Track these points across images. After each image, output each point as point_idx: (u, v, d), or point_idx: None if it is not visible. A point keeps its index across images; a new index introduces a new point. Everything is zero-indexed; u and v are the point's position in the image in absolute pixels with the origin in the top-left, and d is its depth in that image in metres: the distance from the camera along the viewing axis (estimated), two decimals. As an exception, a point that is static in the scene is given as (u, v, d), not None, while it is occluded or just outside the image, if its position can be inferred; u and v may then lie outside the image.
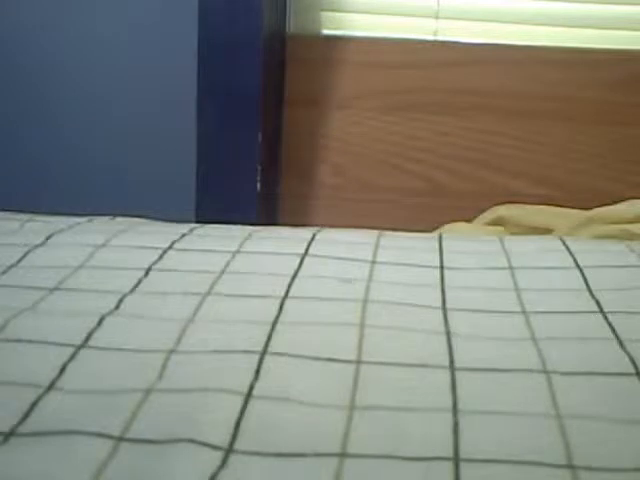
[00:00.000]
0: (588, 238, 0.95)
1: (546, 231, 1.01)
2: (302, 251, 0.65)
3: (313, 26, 1.39)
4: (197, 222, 1.33)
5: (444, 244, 0.69)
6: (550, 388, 0.43)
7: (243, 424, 0.39)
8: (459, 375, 0.45)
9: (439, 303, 0.55)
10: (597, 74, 1.35)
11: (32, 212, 0.80)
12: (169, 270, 0.60)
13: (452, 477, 0.36)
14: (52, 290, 0.56)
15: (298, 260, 0.63)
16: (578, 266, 0.64)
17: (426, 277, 0.61)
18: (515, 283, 0.60)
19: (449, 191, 1.40)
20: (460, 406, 0.41)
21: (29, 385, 0.42)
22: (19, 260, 0.62)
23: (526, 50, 1.35)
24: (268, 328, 0.50)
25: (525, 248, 0.68)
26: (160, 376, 0.44)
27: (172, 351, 0.47)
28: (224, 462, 0.36)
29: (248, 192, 1.32)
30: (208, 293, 0.56)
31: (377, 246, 0.67)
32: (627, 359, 0.47)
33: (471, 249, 0.68)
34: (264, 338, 0.48)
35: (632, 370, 0.46)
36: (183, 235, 0.69)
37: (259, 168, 1.31)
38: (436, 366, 0.46)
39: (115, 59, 1.35)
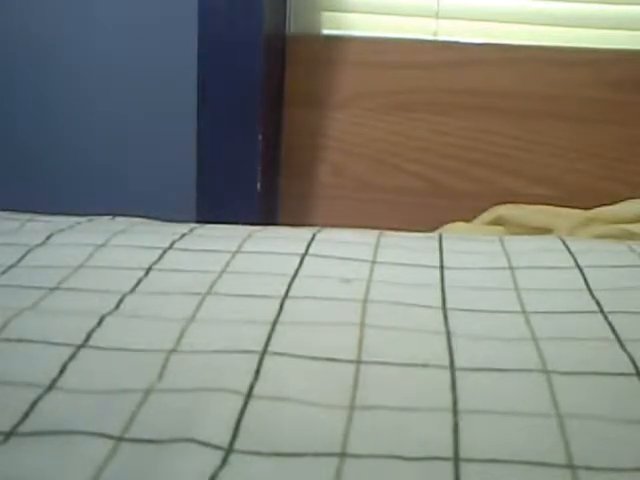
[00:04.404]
0: (588, 238, 0.95)
1: (546, 231, 1.01)
2: (302, 251, 0.65)
3: (313, 26, 1.39)
4: (197, 222, 1.33)
5: (444, 244, 0.69)
6: (550, 388, 0.43)
7: (243, 424, 0.39)
8: (459, 375, 0.45)
9: (439, 303, 0.55)
10: (598, 74, 1.35)
11: (32, 212, 0.80)
12: (169, 270, 0.60)
13: (452, 477, 0.36)
14: (52, 290, 0.56)
15: (298, 260, 0.63)
16: (578, 266, 0.64)
17: (426, 277, 0.61)
18: (515, 283, 0.60)
19: (449, 191, 1.40)
20: (460, 406, 0.41)
21: (29, 385, 0.42)
22: (19, 260, 0.62)
23: (526, 50, 1.35)
24: (268, 328, 0.50)
25: (525, 248, 0.68)
26: (160, 376, 0.44)
27: (172, 351, 0.47)
28: (224, 462, 0.36)
29: (248, 192, 1.32)
30: (208, 293, 0.56)
31: (377, 246, 0.67)
32: (627, 359, 0.47)
33: (471, 249, 0.68)
34: (264, 338, 0.48)
35: (632, 370, 0.46)
36: (183, 235, 0.69)
37: (259, 168, 1.31)
38: (436, 366, 0.46)
39: (115, 59, 1.35)
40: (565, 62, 1.35)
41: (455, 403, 0.42)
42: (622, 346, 0.49)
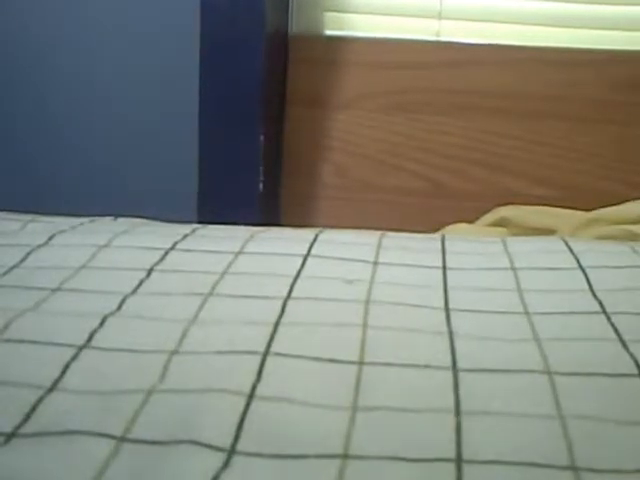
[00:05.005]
0: (590, 239, 0.95)
1: (549, 232, 1.01)
2: (304, 252, 0.65)
3: (315, 26, 1.39)
4: (199, 223, 1.33)
5: (447, 245, 0.69)
6: (552, 389, 0.43)
7: (245, 425, 0.39)
8: (461, 376, 0.45)
9: (442, 304, 0.55)
10: (597, 74, 1.35)
11: (32, 212, 0.80)
12: (171, 271, 0.60)
13: (454, 478, 0.36)
14: (54, 290, 0.56)
15: (300, 261, 0.63)
16: (581, 267, 0.64)
17: (429, 278, 0.61)
18: (517, 284, 0.60)
19: (450, 191, 1.40)
20: (462, 407, 0.41)
21: (31, 385, 0.42)
22: (21, 260, 0.62)
23: (528, 50, 1.35)
24: (270, 329, 0.50)
25: (527, 249, 0.68)
26: (162, 377, 0.44)
27: (174, 352, 0.46)
28: (226, 463, 0.36)
29: (250, 192, 1.32)
30: (210, 294, 0.56)
31: (379, 247, 0.67)
32: (630, 360, 0.47)
33: (473, 250, 0.68)
34: (266, 339, 0.48)
35: (635, 371, 0.45)
36: (185, 236, 0.69)
37: (261, 168, 1.31)
38: (438, 367, 0.46)
39: (117, 58, 1.35)
40: (566, 63, 1.35)
41: (457, 404, 0.42)
42: (625, 347, 0.49)
